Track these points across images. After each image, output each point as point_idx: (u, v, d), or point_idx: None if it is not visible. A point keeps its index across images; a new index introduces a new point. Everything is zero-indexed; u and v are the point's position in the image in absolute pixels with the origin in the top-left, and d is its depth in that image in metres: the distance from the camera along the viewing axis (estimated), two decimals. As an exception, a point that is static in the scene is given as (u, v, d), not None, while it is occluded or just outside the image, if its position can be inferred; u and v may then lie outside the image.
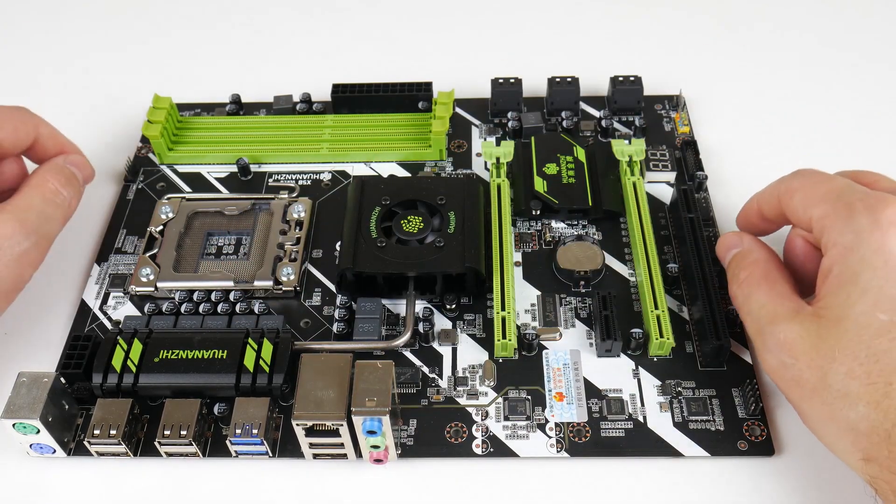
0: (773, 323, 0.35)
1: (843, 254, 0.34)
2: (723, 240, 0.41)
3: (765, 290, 0.37)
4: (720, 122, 0.53)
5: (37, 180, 0.42)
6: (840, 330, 0.32)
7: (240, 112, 0.54)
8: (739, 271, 0.39)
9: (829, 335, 0.33)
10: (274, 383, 0.38)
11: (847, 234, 0.34)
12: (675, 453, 0.37)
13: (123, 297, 0.44)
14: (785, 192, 0.38)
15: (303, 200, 0.47)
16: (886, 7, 0.62)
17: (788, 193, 0.38)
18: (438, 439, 0.38)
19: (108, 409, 0.37)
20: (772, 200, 0.39)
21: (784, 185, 0.38)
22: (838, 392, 0.32)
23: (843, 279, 0.33)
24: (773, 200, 0.39)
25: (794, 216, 0.38)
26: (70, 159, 0.45)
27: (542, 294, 0.43)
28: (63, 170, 0.43)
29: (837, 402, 0.32)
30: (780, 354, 0.34)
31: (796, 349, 0.33)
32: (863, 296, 0.32)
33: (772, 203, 0.39)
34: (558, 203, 0.46)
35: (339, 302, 0.43)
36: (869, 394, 0.31)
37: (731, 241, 0.41)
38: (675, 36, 0.61)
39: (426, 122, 0.51)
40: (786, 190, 0.38)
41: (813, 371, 0.33)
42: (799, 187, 0.37)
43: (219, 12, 0.64)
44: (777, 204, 0.39)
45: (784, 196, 0.38)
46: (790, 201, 0.38)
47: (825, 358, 0.33)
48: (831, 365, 0.32)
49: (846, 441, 0.32)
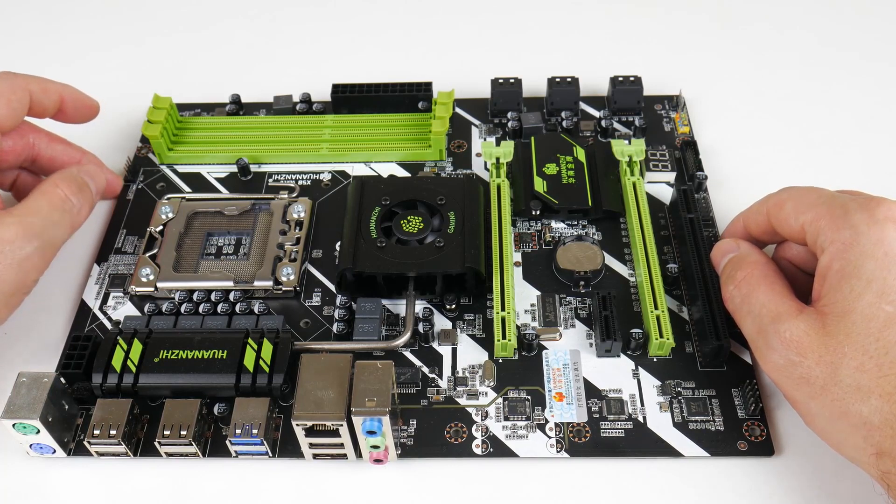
0: (776, 321, 0.35)
1: (842, 249, 0.34)
2: (719, 246, 0.41)
3: (764, 290, 0.36)
4: (720, 122, 0.53)
5: (46, 186, 0.42)
6: (847, 324, 0.32)
7: (240, 112, 0.54)
8: (736, 272, 0.38)
9: (836, 330, 0.33)
10: (274, 383, 0.38)
11: (845, 230, 0.34)
12: (675, 453, 0.37)
13: (123, 298, 0.44)
14: (774, 205, 0.38)
15: (303, 200, 0.47)
16: (886, 7, 0.62)
17: (778, 205, 0.38)
18: (438, 439, 0.38)
19: (108, 409, 0.37)
20: (758, 217, 0.40)
21: (772, 200, 0.39)
22: (849, 387, 0.32)
23: (844, 273, 0.33)
24: (759, 217, 0.40)
25: (784, 226, 0.38)
26: (84, 170, 0.44)
27: (542, 294, 0.43)
28: (75, 179, 0.43)
29: (849, 396, 0.32)
30: (787, 352, 0.34)
31: (803, 346, 0.33)
32: (867, 288, 0.32)
33: (758, 220, 0.40)
34: (558, 203, 0.46)
35: (339, 302, 0.43)
36: (881, 386, 0.31)
37: (727, 246, 0.41)
38: (675, 36, 0.61)
39: (426, 122, 0.51)
40: (774, 203, 0.38)
41: (822, 367, 0.33)
42: (788, 198, 0.38)
43: (219, 12, 0.64)
44: (764, 220, 0.39)
45: (773, 209, 0.38)
46: (780, 212, 0.38)
47: (834, 353, 0.32)
48: (841, 360, 0.32)
49: (857, 437, 0.32)
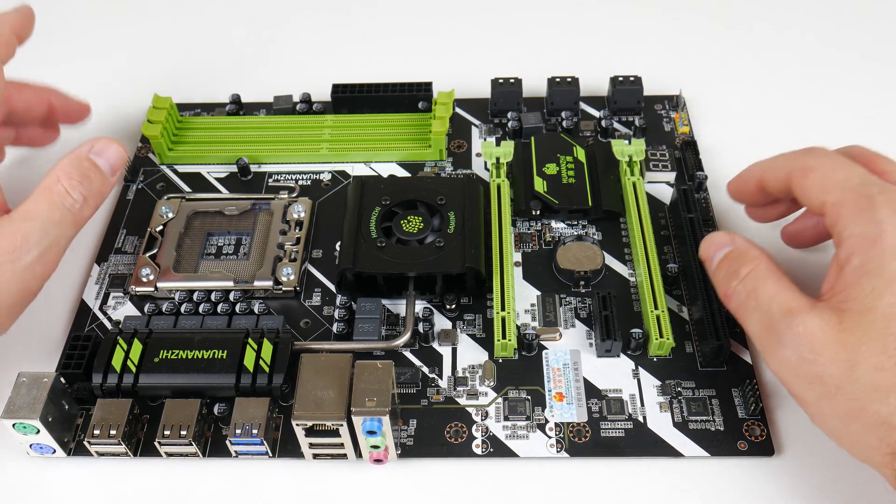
0: (788, 315, 0.33)
1: (864, 245, 0.33)
2: (710, 238, 0.39)
3: (773, 284, 0.35)
4: (720, 122, 0.53)
5: (48, 181, 0.39)
6: (866, 322, 0.32)
7: (240, 112, 0.54)
8: (739, 266, 0.36)
9: (854, 327, 0.32)
10: (274, 383, 0.38)
11: (870, 225, 0.33)
12: (675, 453, 0.37)
13: (123, 297, 0.44)
14: (799, 169, 0.37)
15: (303, 200, 0.47)
16: (886, 7, 0.62)
17: (802, 172, 0.37)
18: (438, 439, 0.38)
19: (108, 409, 0.37)
20: (779, 175, 0.38)
21: (799, 162, 0.37)
22: (867, 385, 0.31)
23: (865, 270, 0.32)
24: (780, 175, 0.38)
25: (805, 195, 0.36)
26: (95, 147, 0.40)
27: (542, 294, 0.43)
28: (81, 164, 0.40)
29: (866, 395, 0.31)
30: (800, 348, 0.32)
31: (817, 342, 0.32)
32: (888, 287, 0.32)
33: (777, 176, 0.38)
34: (558, 203, 0.46)
35: (339, 302, 0.43)
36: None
37: (720, 239, 0.38)
38: (675, 36, 0.61)
39: (426, 122, 0.51)
40: (800, 168, 0.37)
41: (837, 365, 0.32)
42: (816, 166, 0.36)
43: (219, 12, 0.64)
44: (784, 178, 0.38)
45: (796, 173, 0.37)
46: (803, 180, 0.36)
47: (851, 351, 0.31)
48: (858, 358, 0.31)
49: (873, 436, 0.31)
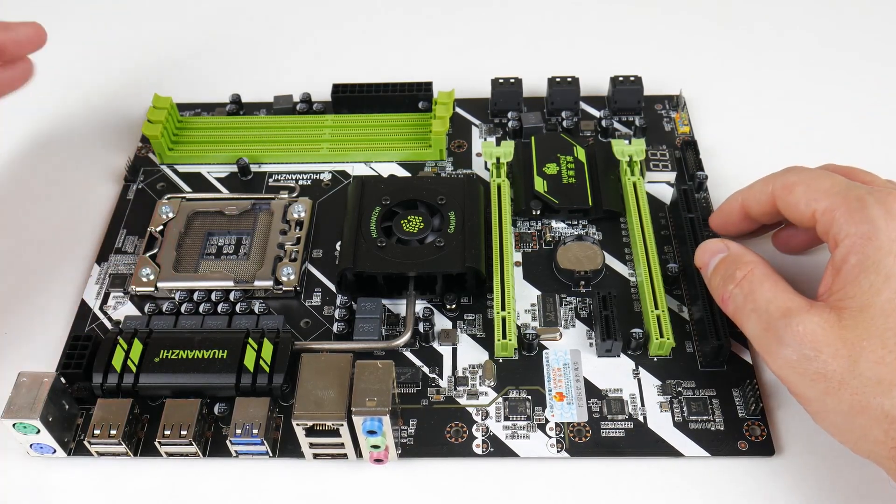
0: (787, 316, 0.34)
1: (859, 244, 0.33)
2: (705, 246, 0.40)
3: (769, 286, 0.36)
4: (720, 122, 0.53)
5: None
6: (865, 318, 0.32)
7: (240, 112, 0.54)
8: (735, 271, 0.37)
9: (853, 324, 0.32)
10: (274, 383, 0.38)
11: (863, 224, 0.33)
12: (676, 453, 0.37)
13: (123, 297, 0.44)
14: (782, 187, 0.38)
15: (303, 200, 0.47)
16: (886, 7, 0.62)
17: (787, 188, 0.37)
18: (438, 439, 0.38)
19: (108, 409, 0.37)
20: (761, 197, 0.39)
21: (780, 181, 0.38)
22: (870, 380, 0.31)
23: (862, 268, 0.33)
24: (762, 197, 0.39)
25: (792, 210, 0.37)
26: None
27: (542, 294, 0.43)
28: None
29: (869, 389, 0.31)
30: (801, 347, 0.33)
31: (818, 340, 0.33)
32: (886, 283, 0.32)
33: (761, 199, 0.39)
34: (558, 203, 0.46)
35: (339, 302, 0.43)
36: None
37: (715, 246, 0.39)
38: (675, 36, 0.61)
39: (426, 122, 0.51)
40: (783, 185, 0.38)
41: (839, 361, 0.32)
42: (798, 181, 0.37)
43: (219, 12, 0.64)
44: (768, 200, 0.39)
45: (781, 191, 0.38)
46: (789, 195, 0.37)
47: (852, 347, 0.32)
48: (860, 354, 0.32)
49: (877, 431, 0.32)
